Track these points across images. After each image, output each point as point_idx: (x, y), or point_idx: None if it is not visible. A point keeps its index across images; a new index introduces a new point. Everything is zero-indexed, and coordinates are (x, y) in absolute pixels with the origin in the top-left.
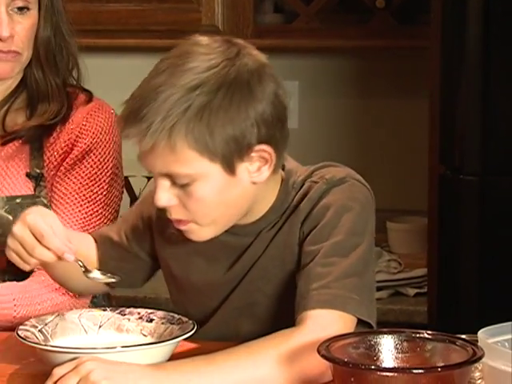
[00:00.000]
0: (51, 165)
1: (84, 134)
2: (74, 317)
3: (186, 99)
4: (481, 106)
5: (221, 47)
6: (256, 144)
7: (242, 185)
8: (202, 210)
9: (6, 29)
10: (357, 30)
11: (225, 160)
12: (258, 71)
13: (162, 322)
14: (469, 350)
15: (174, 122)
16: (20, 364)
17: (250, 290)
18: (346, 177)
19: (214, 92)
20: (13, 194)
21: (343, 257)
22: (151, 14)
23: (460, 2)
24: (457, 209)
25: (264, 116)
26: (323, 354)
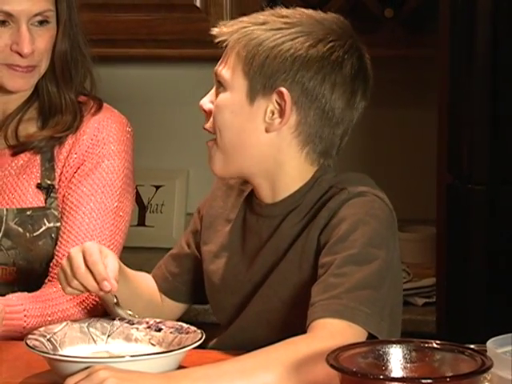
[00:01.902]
0: (63, 176)
1: (96, 145)
2: (83, 326)
3: (253, 28)
4: (489, 115)
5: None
6: (281, 85)
7: (256, 124)
8: (218, 124)
9: (27, 46)
10: (365, 40)
11: (253, 83)
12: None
13: (170, 331)
14: (478, 360)
15: (239, 28)
16: (29, 373)
17: (269, 294)
18: (367, 191)
19: (275, 29)
20: (23, 206)
21: (358, 270)
22: (160, 24)
23: (468, 12)
24: (465, 218)
25: (297, 64)
26: (332, 363)
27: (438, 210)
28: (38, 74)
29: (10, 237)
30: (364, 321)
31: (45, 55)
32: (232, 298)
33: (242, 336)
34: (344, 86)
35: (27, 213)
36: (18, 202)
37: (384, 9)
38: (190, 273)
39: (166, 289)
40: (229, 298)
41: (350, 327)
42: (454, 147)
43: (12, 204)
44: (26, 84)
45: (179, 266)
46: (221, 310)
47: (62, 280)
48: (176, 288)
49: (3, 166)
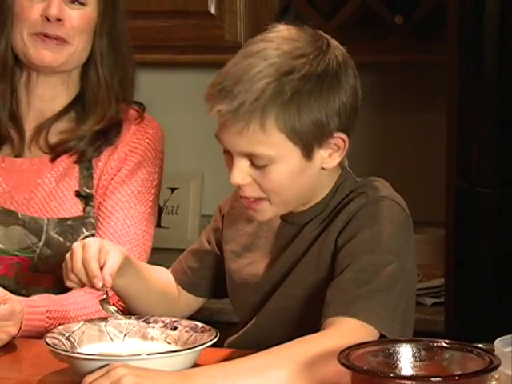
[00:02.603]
0: (101, 184)
1: (133, 152)
2: (100, 325)
3: (280, 83)
4: (497, 120)
5: (310, 37)
6: (335, 131)
7: (313, 169)
8: (275, 190)
9: (55, 9)
10: (376, 46)
11: (306, 144)
12: (345, 63)
13: (185, 330)
14: (486, 359)
15: (266, 104)
16: (48, 371)
17: (287, 293)
18: (386, 196)
19: (306, 79)
20: (63, 215)
21: (373, 273)
22: (176, 31)
23: (476, 19)
24: (473, 220)
25: (346, 106)
26: (343, 361)
27: (447, 213)
28: (67, 53)
29: (50, 246)
30: (376, 321)
31: (78, 35)
32: (252, 297)
33: (260, 333)
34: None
35: (68, 222)
36: (58, 210)
37: (394, 16)
38: (208, 268)
39: (185, 283)
40: (249, 296)
41: (363, 327)
42: (463, 151)
43: (52, 212)
44: (53, 58)
45: (198, 261)
46: (241, 308)
47: (63, 272)
48: (194, 282)
49: (42, 174)
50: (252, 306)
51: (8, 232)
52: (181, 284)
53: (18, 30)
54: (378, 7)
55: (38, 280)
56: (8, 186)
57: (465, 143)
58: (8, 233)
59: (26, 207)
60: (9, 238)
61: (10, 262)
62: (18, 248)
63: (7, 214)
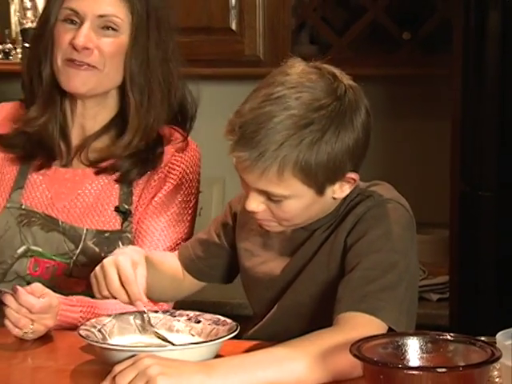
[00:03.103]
0: (141, 202)
1: (172, 174)
2: (130, 318)
3: (299, 135)
4: (497, 129)
5: (328, 80)
6: (348, 172)
7: (325, 200)
8: (287, 219)
9: (82, 38)
10: (385, 60)
11: (319, 186)
12: (358, 104)
13: (208, 323)
14: (488, 351)
15: (285, 154)
16: (81, 360)
17: (300, 290)
18: (392, 199)
19: (323, 131)
20: (102, 227)
21: (380, 270)
22: (199, 46)
23: (479, 35)
24: (475, 222)
25: (359, 147)
26: (355, 353)
27: (451, 214)
28: (97, 79)
29: (85, 254)
30: (384, 315)
31: (109, 62)
32: (266, 293)
33: (276, 327)
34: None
35: (105, 235)
36: (98, 222)
37: (402, 32)
38: (214, 258)
39: (191, 269)
40: (264, 293)
41: (372, 321)
42: (466, 157)
43: (91, 224)
44: (81, 83)
45: (205, 251)
46: (256, 303)
47: (94, 286)
48: (200, 269)
49: (83, 185)
50: (267, 301)
51: (48, 237)
52: (187, 269)
53: (54, 55)
54: (387, 24)
55: (71, 285)
56: (50, 193)
57: (468, 150)
58: (48, 237)
59: (65, 215)
60: (48, 243)
61: (47, 266)
62: (56, 253)
63: (48, 219)
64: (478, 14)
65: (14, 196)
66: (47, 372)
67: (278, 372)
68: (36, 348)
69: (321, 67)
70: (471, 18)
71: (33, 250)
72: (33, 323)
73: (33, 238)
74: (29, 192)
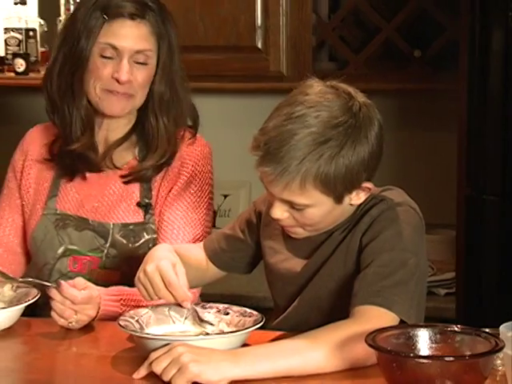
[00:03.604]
0: (160, 195)
1: (185, 168)
2: (165, 310)
3: (318, 151)
4: (501, 138)
5: (343, 100)
6: (363, 182)
7: (343, 206)
8: (309, 224)
9: (125, 75)
10: (397, 76)
11: (338, 195)
12: (371, 119)
13: (236, 315)
14: (492, 342)
15: (307, 168)
16: (121, 348)
17: (319, 285)
18: (403, 202)
19: (341, 146)
20: (126, 220)
21: (393, 267)
22: (227, 62)
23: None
24: (480, 223)
25: (373, 159)
26: (370, 343)
27: (457, 216)
28: (132, 104)
29: (115, 247)
30: (397, 309)
31: (141, 89)
32: (288, 287)
33: (297, 319)
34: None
35: (130, 227)
36: (122, 217)
37: (413, 50)
38: (237, 252)
39: (215, 260)
40: (286, 287)
41: (386, 314)
42: (471, 164)
43: (117, 218)
44: (121, 109)
45: (230, 245)
46: (279, 296)
47: (142, 292)
48: (224, 261)
49: (107, 186)
50: (289, 295)
51: (81, 236)
52: (212, 261)
53: (91, 84)
54: (399, 43)
55: (106, 276)
56: (80, 196)
57: (473, 157)
58: (81, 236)
59: (94, 214)
60: (81, 241)
61: (84, 261)
62: (89, 249)
63: (80, 220)
64: (482, 34)
65: (50, 203)
66: (90, 358)
67: (299, 360)
68: (80, 337)
69: (337, 87)
70: (476, 38)
71: (70, 249)
72: (76, 314)
73: (69, 238)
74: (62, 198)
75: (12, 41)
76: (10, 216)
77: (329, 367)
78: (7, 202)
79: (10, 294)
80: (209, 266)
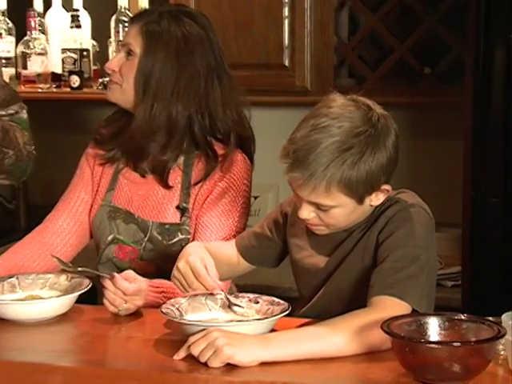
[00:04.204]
0: (196, 202)
1: (221, 181)
2: (202, 299)
3: (342, 158)
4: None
5: (363, 111)
6: (382, 184)
7: (364, 207)
8: (333, 223)
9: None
10: (409, 90)
11: (359, 197)
12: (388, 128)
13: (265, 303)
14: (495, 329)
15: (331, 173)
16: (163, 332)
17: (340, 278)
18: (416, 204)
19: (362, 153)
20: (164, 220)
21: (406, 262)
22: (258, 78)
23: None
24: (483, 222)
25: (390, 164)
26: (385, 330)
27: (463, 216)
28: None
29: (152, 242)
30: (409, 299)
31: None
32: (312, 280)
33: (320, 308)
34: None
35: (166, 226)
36: (161, 217)
37: (424, 67)
38: (266, 248)
39: (245, 255)
40: (310, 280)
41: (399, 303)
42: (476, 169)
43: (156, 217)
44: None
45: (259, 242)
46: (304, 288)
47: (178, 287)
48: (253, 256)
49: (154, 188)
50: (313, 287)
51: (127, 228)
52: (243, 256)
53: None
54: (411, 61)
55: (143, 267)
56: (130, 194)
57: (477, 163)
58: (127, 228)
59: (139, 211)
60: (127, 232)
61: (126, 251)
62: (132, 240)
63: (128, 214)
64: (485, 53)
65: (108, 196)
66: (136, 341)
67: (322, 345)
68: (128, 322)
69: (357, 100)
70: (480, 57)
71: (117, 238)
72: (126, 303)
73: (117, 228)
74: (117, 193)
75: (68, 60)
76: (82, 195)
77: (348, 351)
78: (80, 182)
79: (65, 284)
80: (240, 260)
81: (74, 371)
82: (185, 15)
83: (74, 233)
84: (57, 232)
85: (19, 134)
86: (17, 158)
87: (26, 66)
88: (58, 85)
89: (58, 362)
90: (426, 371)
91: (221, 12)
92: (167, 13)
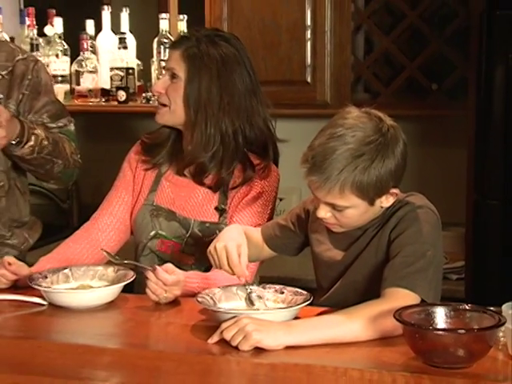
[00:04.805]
0: (233, 203)
1: (254, 187)
2: (233, 289)
3: (354, 163)
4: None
5: (374, 122)
6: (391, 188)
7: (375, 208)
8: (347, 222)
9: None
10: (418, 104)
11: (370, 199)
12: (397, 137)
13: (290, 293)
14: (495, 318)
15: (345, 177)
16: (199, 319)
17: (355, 271)
18: (424, 205)
19: (372, 159)
20: (204, 219)
21: (416, 257)
22: (284, 93)
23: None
24: (484, 222)
25: (399, 169)
26: (397, 318)
27: (467, 217)
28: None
29: (193, 238)
30: (418, 290)
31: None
32: (330, 272)
33: (337, 298)
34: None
35: (206, 225)
36: (202, 216)
37: (431, 84)
38: (288, 239)
39: (269, 243)
40: (328, 272)
41: (409, 294)
42: (478, 175)
43: (197, 216)
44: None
45: (282, 233)
46: (323, 279)
47: (212, 261)
48: (276, 245)
49: (195, 190)
50: (331, 278)
51: (169, 225)
52: (267, 243)
53: None
54: (420, 78)
55: (183, 258)
56: (173, 195)
57: (479, 169)
58: (169, 225)
59: (181, 210)
60: (169, 229)
61: (168, 245)
62: (174, 236)
63: (170, 213)
64: (487, 70)
65: (150, 196)
66: (175, 326)
67: (340, 331)
68: (167, 309)
69: (370, 112)
70: (482, 74)
71: (160, 234)
72: (166, 292)
73: (159, 225)
74: (159, 194)
75: (116, 77)
76: (124, 196)
77: (363, 337)
78: (122, 184)
79: (112, 275)
80: (264, 247)
81: (120, 352)
82: (220, 38)
83: (117, 229)
84: (102, 229)
85: (67, 145)
86: (64, 166)
87: (79, 82)
88: (107, 99)
89: (106, 345)
90: (434, 355)
91: (250, 34)
92: (204, 37)
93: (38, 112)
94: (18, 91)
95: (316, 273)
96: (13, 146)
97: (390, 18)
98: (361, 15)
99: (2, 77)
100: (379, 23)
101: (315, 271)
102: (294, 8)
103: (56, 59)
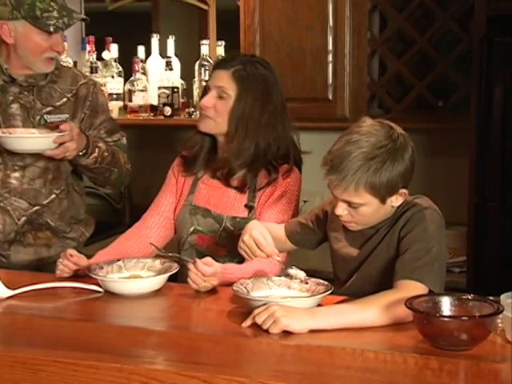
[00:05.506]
0: (261, 201)
1: (279, 187)
2: (263, 280)
3: (368, 165)
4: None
5: (386, 129)
6: (401, 189)
7: (386, 207)
8: (362, 219)
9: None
10: (426, 118)
11: (382, 197)
12: (406, 144)
13: (313, 284)
14: (495, 306)
15: (359, 177)
16: (233, 306)
17: (370, 266)
18: (429, 207)
19: (383, 161)
20: (235, 215)
21: (423, 253)
22: (308, 109)
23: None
24: (485, 222)
25: (408, 172)
26: (408, 306)
27: (468, 217)
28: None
29: (225, 231)
30: (426, 282)
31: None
32: (347, 266)
33: (354, 289)
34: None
35: (237, 220)
36: (233, 212)
37: (437, 101)
38: (307, 235)
39: (291, 238)
40: (345, 266)
41: (419, 285)
42: (479, 180)
43: (229, 213)
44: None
45: (302, 230)
46: (340, 272)
47: (244, 253)
48: (297, 240)
49: (227, 191)
50: (348, 272)
51: (205, 221)
52: (289, 238)
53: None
54: (427, 95)
55: (218, 250)
56: (208, 195)
57: (479, 176)
58: (205, 222)
59: (215, 208)
60: (205, 224)
61: (204, 238)
62: (209, 230)
63: (206, 211)
64: (487, 89)
65: (189, 198)
66: (213, 311)
67: (357, 317)
68: (206, 297)
69: (382, 121)
70: (482, 92)
71: (197, 229)
72: (205, 282)
73: (197, 222)
74: (197, 195)
75: (162, 95)
76: (169, 198)
77: (378, 322)
78: (167, 188)
79: (159, 266)
80: (286, 241)
81: (165, 334)
82: (258, 62)
83: (163, 227)
84: (150, 227)
85: (121, 156)
86: (119, 174)
87: (131, 99)
88: (155, 114)
89: (154, 327)
90: (440, 339)
91: (279, 58)
92: (247, 60)
93: (96, 128)
94: (81, 111)
95: (334, 266)
96: (80, 156)
97: (401, 44)
98: (376, 41)
99: (68, 99)
100: (392, 48)
101: (333, 265)
102: (318, 35)
103: (112, 80)
